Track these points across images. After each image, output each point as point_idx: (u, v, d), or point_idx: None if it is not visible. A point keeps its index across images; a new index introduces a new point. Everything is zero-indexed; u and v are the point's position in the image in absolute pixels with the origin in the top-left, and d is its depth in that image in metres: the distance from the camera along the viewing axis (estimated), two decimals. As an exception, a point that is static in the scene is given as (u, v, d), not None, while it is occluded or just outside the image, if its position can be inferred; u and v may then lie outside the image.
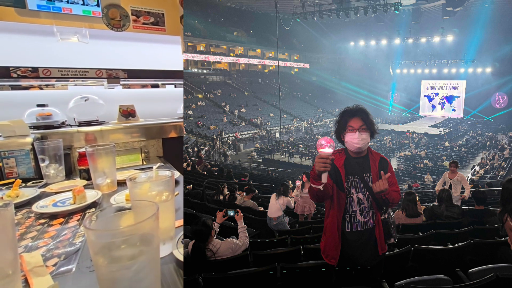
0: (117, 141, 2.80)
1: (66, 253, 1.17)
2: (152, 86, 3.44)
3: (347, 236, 1.60)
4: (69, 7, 2.68)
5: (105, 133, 2.76)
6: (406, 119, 27.72)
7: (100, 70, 2.91)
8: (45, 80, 2.76)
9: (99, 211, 0.81)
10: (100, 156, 1.82)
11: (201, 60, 24.06)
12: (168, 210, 1.14)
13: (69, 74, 2.78)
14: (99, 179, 1.86)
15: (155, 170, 1.26)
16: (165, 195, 1.13)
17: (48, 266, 1.07)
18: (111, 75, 2.96)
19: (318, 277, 1.92)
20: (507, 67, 22.98)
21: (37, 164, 2.14)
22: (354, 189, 1.59)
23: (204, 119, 19.03)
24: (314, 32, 27.65)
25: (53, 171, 2.13)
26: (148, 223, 0.75)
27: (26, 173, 2.16)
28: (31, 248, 1.21)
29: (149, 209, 0.80)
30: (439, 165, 15.22)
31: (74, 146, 2.59)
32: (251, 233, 3.48)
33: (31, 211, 1.56)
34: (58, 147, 2.13)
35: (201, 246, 2.10)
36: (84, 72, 2.84)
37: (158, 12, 3.06)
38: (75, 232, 1.35)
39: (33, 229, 1.39)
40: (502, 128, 21.87)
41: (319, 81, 29.71)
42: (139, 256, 0.74)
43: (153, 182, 1.12)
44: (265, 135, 19.72)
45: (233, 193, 4.61)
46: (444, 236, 2.69)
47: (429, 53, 26.13)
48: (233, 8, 24.89)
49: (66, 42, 2.75)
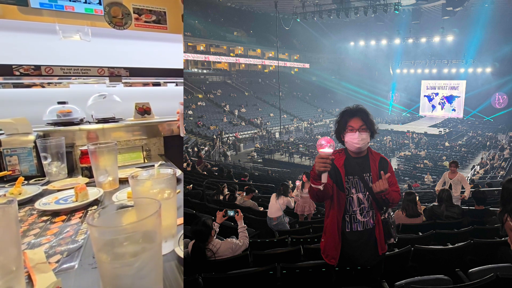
0: (119, 139, 2.81)
1: (69, 250, 1.17)
2: (153, 84, 3.45)
3: (347, 236, 1.60)
4: (71, 5, 2.69)
5: (106, 131, 2.78)
6: (406, 119, 27.72)
7: (102, 68, 2.92)
8: (47, 78, 2.78)
9: (102, 208, 0.82)
10: (102, 154, 1.83)
11: (201, 60, 24.06)
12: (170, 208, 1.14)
13: (71, 72, 2.79)
14: (101, 177, 1.87)
15: (157, 168, 1.26)
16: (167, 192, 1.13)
17: (51, 262, 1.08)
18: (113, 73, 2.97)
19: (318, 277, 1.92)
20: (507, 67, 22.98)
21: (40, 162, 2.15)
22: (354, 189, 1.60)
23: (204, 119, 19.03)
24: (314, 32, 27.65)
25: (55, 169, 2.15)
26: (151, 221, 0.76)
27: (28, 171, 2.18)
28: (34, 245, 1.22)
29: (151, 207, 0.81)
30: (439, 165, 15.22)
31: (76, 144, 2.61)
32: (251, 233, 3.48)
33: (33, 208, 1.58)
34: (60, 144, 2.14)
35: (201, 246, 2.10)
36: (86, 70, 2.85)
37: (160, 10, 3.06)
38: (77, 229, 1.36)
39: (36, 226, 1.40)
40: (502, 128, 21.87)
41: (319, 81, 29.71)
42: (142, 253, 0.75)
43: (155, 180, 1.12)
44: (265, 135, 19.72)
45: (233, 193, 4.61)
46: (444, 236, 2.69)
47: (429, 53, 26.12)
48: (233, 8, 24.88)
49: (68, 40, 2.76)
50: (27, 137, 2.22)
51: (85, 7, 2.75)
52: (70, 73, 2.79)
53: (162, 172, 1.22)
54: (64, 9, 2.68)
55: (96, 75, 2.91)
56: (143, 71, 3.20)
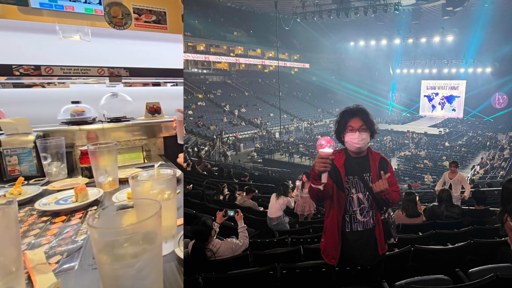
0: (119, 139, 2.81)
1: (69, 250, 1.17)
2: (153, 84, 3.45)
3: (347, 236, 1.60)
4: (71, 5, 2.69)
5: (106, 131, 2.78)
6: (406, 119, 27.73)
7: (102, 68, 2.92)
8: (47, 78, 2.78)
9: (102, 209, 0.81)
10: (102, 154, 1.83)
11: (201, 60, 24.06)
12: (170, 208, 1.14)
13: (71, 72, 2.79)
14: (101, 177, 1.87)
15: (157, 169, 1.26)
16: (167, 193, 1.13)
17: (51, 263, 1.08)
18: (113, 73, 2.97)
19: (318, 277, 1.92)
20: (507, 67, 22.98)
21: (40, 162, 2.14)
22: (354, 189, 1.60)
23: (204, 119, 19.03)
24: (314, 32, 27.65)
25: (55, 169, 2.15)
26: (151, 221, 0.76)
27: (28, 171, 2.18)
28: (34, 245, 1.21)
29: (151, 208, 0.81)
30: (439, 165, 15.22)
31: (76, 144, 2.61)
32: (251, 233, 3.48)
33: (33, 208, 1.57)
34: (60, 145, 2.14)
35: (201, 246, 2.10)
36: (86, 70, 2.85)
37: (160, 10, 3.06)
38: (77, 229, 1.36)
39: (36, 227, 1.39)
40: (502, 128, 21.88)
41: (319, 81, 29.71)
42: (142, 254, 0.75)
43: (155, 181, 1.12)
44: (265, 135, 19.72)
45: (233, 193, 4.61)
46: (444, 236, 2.69)
47: (429, 53, 26.13)
48: (233, 8, 24.88)
49: (68, 40, 2.76)
50: (27, 137, 2.21)
51: (85, 7, 2.74)
52: (70, 73, 2.78)
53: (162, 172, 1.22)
54: (64, 9, 2.68)
55: (96, 75, 2.91)
56: (143, 71, 3.20)
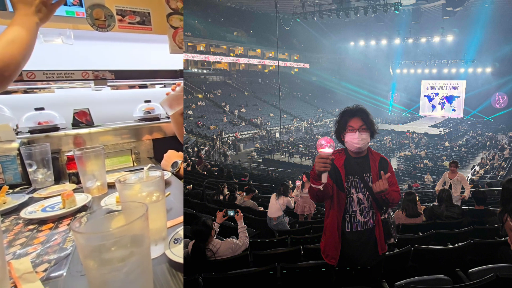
0: (107, 143, 2.76)
1: (57, 258, 1.15)
2: (140, 86, 3.38)
3: (347, 236, 1.60)
4: (52, 8, 2.63)
5: (93, 135, 2.73)
6: (406, 119, 27.68)
7: (86, 71, 2.84)
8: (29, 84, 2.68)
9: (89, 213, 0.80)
10: (89, 159, 1.80)
11: (201, 60, 24.04)
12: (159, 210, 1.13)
13: (54, 77, 2.71)
14: (88, 182, 1.84)
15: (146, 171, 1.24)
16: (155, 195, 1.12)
17: (38, 272, 1.06)
18: (98, 76, 2.89)
19: (318, 277, 1.92)
20: (507, 67, 22.95)
21: (25, 170, 2.08)
22: (354, 189, 1.59)
23: (204, 119, 19.01)
24: (314, 32, 27.63)
25: (41, 176, 2.09)
26: (138, 224, 0.75)
27: (13, 179, 2.11)
28: (20, 255, 1.18)
29: (138, 210, 0.80)
30: (439, 165, 15.20)
31: (62, 150, 2.55)
32: (251, 233, 3.48)
33: (19, 217, 1.53)
34: (45, 151, 2.09)
35: (201, 246, 2.10)
36: (69, 74, 2.77)
37: (144, 11, 2.99)
38: (65, 236, 1.33)
39: (22, 236, 1.36)
40: (502, 128, 21.84)
41: (319, 81, 29.67)
42: (130, 258, 0.74)
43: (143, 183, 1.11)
44: (265, 135, 19.70)
45: (233, 193, 4.61)
46: (444, 236, 2.69)
47: (429, 53, 26.09)
48: (233, 8, 24.87)
49: (50, 44, 2.66)
50: (10, 145, 2.14)
51: (66, 9, 2.62)
52: (53, 78, 2.70)
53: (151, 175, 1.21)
54: (44, 12, 2.62)
55: (80, 79, 2.83)
56: (129, 74, 3.14)
